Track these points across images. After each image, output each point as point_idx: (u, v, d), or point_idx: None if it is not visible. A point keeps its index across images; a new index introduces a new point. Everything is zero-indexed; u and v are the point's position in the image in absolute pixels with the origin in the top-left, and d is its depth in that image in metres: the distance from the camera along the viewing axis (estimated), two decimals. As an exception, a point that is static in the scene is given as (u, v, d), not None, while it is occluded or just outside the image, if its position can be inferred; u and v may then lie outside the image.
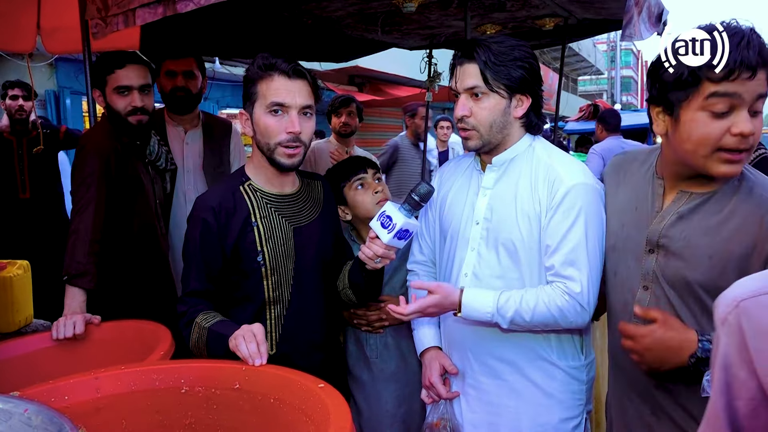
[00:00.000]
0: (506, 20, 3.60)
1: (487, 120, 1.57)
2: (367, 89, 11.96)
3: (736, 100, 1.19)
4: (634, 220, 1.46)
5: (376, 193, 1.98)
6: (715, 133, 1.22)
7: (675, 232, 1.36)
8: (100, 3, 2.18)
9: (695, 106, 1.24)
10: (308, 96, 1.62)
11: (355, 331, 2.06)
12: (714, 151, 1.23)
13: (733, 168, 1.24)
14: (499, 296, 1.52)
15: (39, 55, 4.81)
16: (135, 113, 2.19)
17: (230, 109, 10.05)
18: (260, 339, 1.37)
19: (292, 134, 1.59)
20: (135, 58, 2.23)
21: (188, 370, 1.34)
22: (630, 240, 1.46)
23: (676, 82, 1.24)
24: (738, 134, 1.20)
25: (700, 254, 1.31)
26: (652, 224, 1.40)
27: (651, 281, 1.40)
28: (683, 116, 1.26)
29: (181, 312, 1.60)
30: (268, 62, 1.59)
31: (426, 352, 1.76)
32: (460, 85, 1.59)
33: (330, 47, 4.10)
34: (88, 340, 1.85)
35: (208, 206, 1.62)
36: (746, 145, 1.22)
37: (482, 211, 1.62)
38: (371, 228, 1.55)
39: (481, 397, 1.67)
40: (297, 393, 1.21)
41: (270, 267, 1.63)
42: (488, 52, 1.53)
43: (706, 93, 1.21)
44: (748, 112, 1.20)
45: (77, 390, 1.28)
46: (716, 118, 1.22)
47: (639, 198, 1.47)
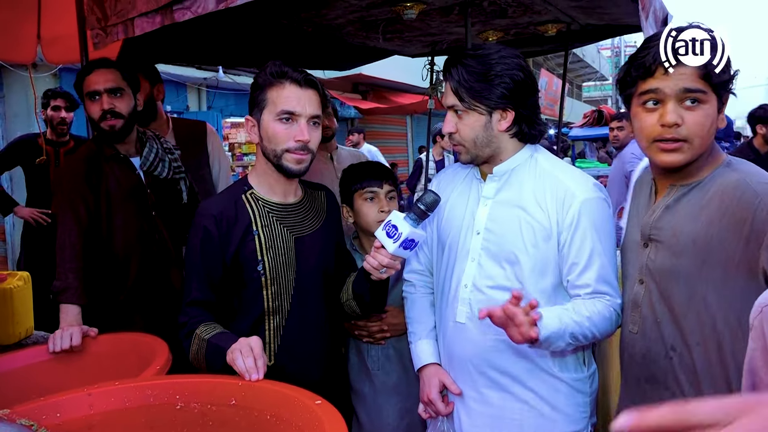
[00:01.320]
0: (508, 26, 3.58)
1: (470, 136, 1.57)
2: (371, 97, 11.99)
3: (660, 94, 1.33)
4: (637, 222, 1.52)
5: (382, 212, 1.96)
6: (647, 124, 1.37)
7: (663, 223, 1.42)
8: (100, 13, 2.18)
9: (635, 103, 1.40)
10: (317, 106, 1.62)
11: (357, 343, 2.04)
12: (651, 142, 1.37)
13: (671, 157, 1.35)
14: (559, 312, 1.46)
15: (43, 65, 4.82)
16: (105, 118, 2.13)
17: (234, 117, 10.07)
18: (257, 353, 1.35)
19: (300, 142, 1.58)
20: (103, 63, 2.18)
21: (183, 385, 1.32)
22: (632, 240, 1.53)
23: (623, 82, 1.43)
24: (663, 125, 1.33)
25: (685, 241, 1.36)
26: (644, 219, 1.47)
27: (645, 274, 1.45)
28: (632, 112, 1.43)
29: (182, 323, 1.59)
30: (279, 70, 1.59)
31: (425, 368, 1.73)
32: (444, 102, 1.61)
33: (331, 55, 4.09)
34: (84, 354, 1.83)
35: (209, 214, 1.62)
36: (676, 134, 1.32)
37: (483, 221, 1.60)
38: (376, 237, 1.52)
39: (484, 410, 1.63)
40: (294, 410, 1.18)
41: (270, 276, 1.62)
42: (462, 72, 1.52)
43: (639, 90, 1.38)
44: (677, 105, 1.32)
45: (70, 407, 1.25)
46: (648, 112, 1.37)
47: (641, 201, 1.54)
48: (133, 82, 2.24)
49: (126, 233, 2.18)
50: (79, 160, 2.18)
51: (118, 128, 2.15)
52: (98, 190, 2.14)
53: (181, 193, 2.38)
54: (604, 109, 10.21)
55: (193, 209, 2.45)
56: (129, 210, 2.19)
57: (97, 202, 2.13)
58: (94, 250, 2.12)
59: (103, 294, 2.14)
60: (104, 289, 2.16)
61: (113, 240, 2.16)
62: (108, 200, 2.15)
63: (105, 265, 2.16)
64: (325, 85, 1.70)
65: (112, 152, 2.20)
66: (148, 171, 2.26)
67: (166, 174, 2.31)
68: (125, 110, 2.17)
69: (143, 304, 2.20)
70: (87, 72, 2.16)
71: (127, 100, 2.18)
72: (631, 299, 1.49)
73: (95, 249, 2.13)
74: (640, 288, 1.46)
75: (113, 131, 2.15)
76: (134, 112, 2.22)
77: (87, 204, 2.10)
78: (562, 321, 1.43)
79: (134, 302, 2.19)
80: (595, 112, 9.99)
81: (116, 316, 2.09)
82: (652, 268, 1.43)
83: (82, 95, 2.19)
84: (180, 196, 2.38)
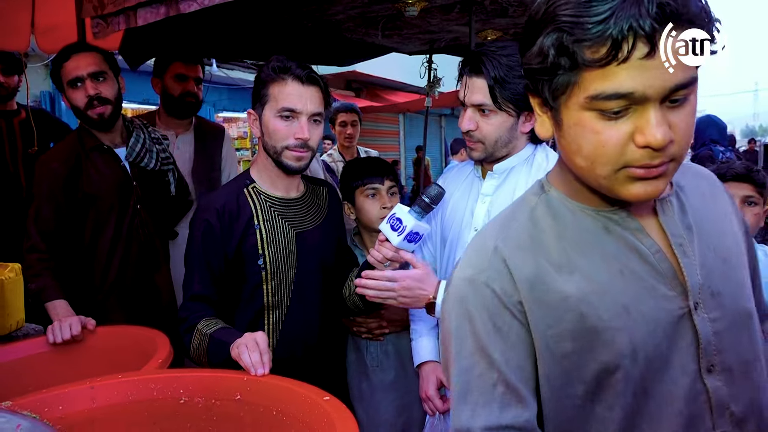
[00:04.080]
0: (507, 26, 3.58)
1: (493, 135, 1.55)
2: (365, 94, 11.96)
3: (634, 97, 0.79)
4: None
5: (384, 209, 1.95)
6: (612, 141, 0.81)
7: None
8: (96, 1, 2.14)
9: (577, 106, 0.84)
10: (319, 103, 1.61)
11: (356, 340, 2.03)
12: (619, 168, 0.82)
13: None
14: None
15: (35, 55, 4.77)
16: (91, 105, 2.03)
17: (226, 112, 10.02)
18: (263, 348, 1.34)
19: (300, 140, 1.58)
20: (81, 47, 2.08)
21: (187, 379, 1.30)
22: None
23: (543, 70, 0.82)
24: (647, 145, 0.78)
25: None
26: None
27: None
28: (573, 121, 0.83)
29: (183, 317, 1.58)
30: (282, 65, 1.57)
31: (424, 365, 1.75)
32: (468, 99, 1.55)
33: (329, 50, 4.07)
34: (82, 347, 1.80)
35: (212, 207, 1.61)
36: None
37: (481, 217, 1.61)
38: (381, 231, 1.52)
39: None
40: (301, 405, 1.17)
41: (270, 271, 1.61)
42: (498, 68, 1.48)
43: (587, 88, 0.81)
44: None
45: (72, 400, 1.24)
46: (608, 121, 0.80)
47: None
48: (113, 65, 2.13)
49: (109, 229, 2.10)
50: (57, 158, 2.09)
51: (107, 115, 2.07)
52: (77, 188, 2.06)
53: (169, 185, 2.30)
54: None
55: (181, 202, 2.42)
56: (112, 205, 2.10)
57: (74, 201, 2.06)
58: (69, 248, 2.07)
59: (82, 292, 2.09)
60: (84, 287, 2.11)
61: (95, 237, 2.10)
62: (89, 196, 2.07)
63: (85, 262, 2.11)
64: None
65: (95, 143, 2.10)
66: (134, 162, 2.16)
67: (153, 165, 2.22)
68: (111, 95, 2.07)
69: (125, 302, 2.14)
70: (64, 58, 2.04)
71: (111, 83, 2.08)
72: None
73: (73, 247, 2.08)
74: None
75: (102, 119, 2.06)
76: (120, 97, 2.12)
77: (57, 208, 2.03)
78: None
79: (115, 300, 2.12)
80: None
81: (95, 316, 2.03)
82: None
83: (62, 85, 2.08)
84: (168, 188, 2.30)
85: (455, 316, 0.89)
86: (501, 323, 0.86)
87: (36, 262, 1.98)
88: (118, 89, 2.13)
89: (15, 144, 3.15)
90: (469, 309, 0.87)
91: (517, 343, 0.86)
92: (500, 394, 0.85)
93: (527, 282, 0.86)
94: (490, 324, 0.86)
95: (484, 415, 0.84)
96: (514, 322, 0.86)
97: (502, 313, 0.86)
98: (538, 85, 0.84)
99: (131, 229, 2.15)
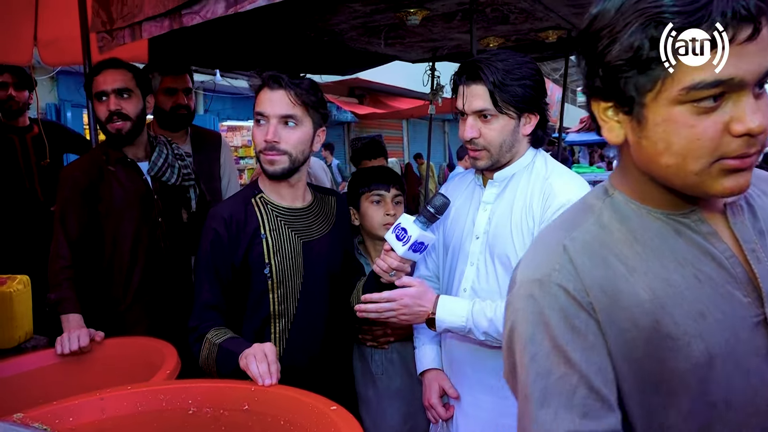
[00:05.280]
0: (509, 33, 3.60)
1: (497, 141, 1.56)
2: (367, 101, 11.96)
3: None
4: None
5: (387, 216, 1.97)
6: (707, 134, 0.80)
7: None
8: (105, 16, 2.17)
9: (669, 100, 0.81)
10: (288, 105, 1.61)
11: (361, 348, 2.04)
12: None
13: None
14: (473, 304, 1.52)
15: (40, 68, 4.80)
16: (111, 120, 2.08)
17: (231, 121, 10.06)
18: (271, 359, 1.36)
19: (267, 142, 1.60)
20: (113, 63, 2.13)
21: (196, 390, 1.31)
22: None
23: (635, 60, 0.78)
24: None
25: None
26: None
27: None
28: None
29: (192, 327, 1.60)
30: (263, 77, 1.62)
31: (426, 373, 1.75)
32: (468, 107, 1.56)
33: (332, 60, 4.09)
34: (90, 358, 1.82)
35: (219, 217, 1.64)
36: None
37: (482, 225, 1.62)
38: (386, 240, 1.53)
39: (479, 415, 1.64)
40: (308, 415, 1.18)
41: (277, 280, 1.63)
42: (496, 73, 1.50)
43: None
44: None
45: (82, 411, 1.25)
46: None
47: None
48: (144, 84, 2.18)
49: (129, 241, 2.13)
50: (80, 168, 2.14)
51: (125, 131, 2.11)
52: (100, 199, 2.10)
53: (190, 200, 2.34)
54: (600, 114, 10.23)
55: (202, 218, 2.45)
56: (134, 217, 2.14)
57: (95, 212, 2.09)
58: (91, 260, 2.09)
59: (104, 304, 2.12)
60: (105, 298, 2.13)
61: (116, 248, 2.13)
62: (111, 208, 2.11)
63: (106, 273, 2.13)
64: (320, 89, 1.70)
65: (119, 156, 2.16)
66: (156, 176, 2.21)
67: (175, 180, 2.26)
68: (133, 112, 2.11)
69: (149, 313, 2.16)
70: (96, 72, 2.12)
71: (135, 101, 2.12)
72: None
73: (95, 258, 2.10)
74: None
75: (119, 134, 2.11)
76: (143, 115, 2.17)
77: (80, 216, 2.07)
78: (470, 318, 1.50)
79: (139, 311, 2.15)
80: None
81: (117, 327, 2.06)
82: None
83: (91, 96, 2.15)
84: (189, 203, 2.34)
85: (527, 319, 0.85)
86: (578, 323, 0.82)
87: (59, 271, 2.00)
88: (143, 108, 2.17)
89: (29, 160, 3.20)
90: (542, 311, 0.83)
91: (595, 344, 0.82)
92: (582, 398, 0.80)
93: (598, 285, 0.83)
94: (567, 325, 0.82)
95: (567, 420, 0.80)
96: (590, 322, 0.82)
97: (578, 313, 0.82)
98: (617, 85, 0.80)
99: (153, 241, 2.18)
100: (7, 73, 3.17)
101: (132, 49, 2.66)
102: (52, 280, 1.99)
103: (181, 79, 2.78)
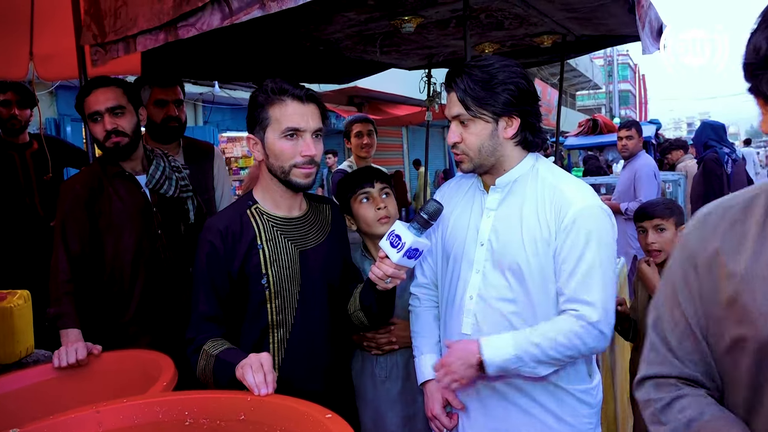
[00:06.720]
0: (504, 38, 3.62)
1: (475, 145, 1.57)
2: (366, 109, 12.02)
3: None
4: None
5: (379, 210, 1.97)
6: None
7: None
8: (96, 30, 2.18)
9: None
10: (319, 119, 1.65)
11: (364, 352, 2.03)
12: None
13: None
14: (514, 336, 1.50)
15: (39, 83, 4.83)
16: (108, 137, 2.11)
17: (230, 132, 10.09)
18: (267, 369, 1.35)
19: (307, 156, 1.61)
20: (102, 82, 2.14)
21: (192, 401, 1.31)
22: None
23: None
24: None
25: None
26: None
27: None
28: None
29: (189, 338, 1.60)
30: (280, 87, 1.61)
31: (428, 383, 1.73)
32: (448, 113, 1.62)
33: (329, 69, 4.11)
34: (88, 372, 1.82)
35: (215, 229, 1.64)
36: None
37: (487, 232, 1.61)
38: (381, 248, 1.53)
39: (487, 423, 1.63)
40: (303, 424, 1.17)
41: (274, 290, 1.63)
42: (467, 80, 1.54)
43: None
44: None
45: (79, 425, 1.24)
46: None
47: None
48: (135, 98, 2.20)
49: (130, 255, 2.15)
50: (80, 181, 2.15)
51: (123, 144, 2.13)
52: (100, 212, 2.11)
53: (188, 212, 2.35)
54: (599, 117, 10.27)
55: (200, 229, 2.46)
56: (134, 230, 2.15)
57: (96, 226, 2.11)
58: (92, 273, 2.10)
59: (106, 317, 2.12)
60: (107, 311, 2.14)
61: (117, 262, 2.14)
62: (111, 222, 2.13)
63: (107, 287, 2.14)
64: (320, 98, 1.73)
65: (117, 170, 2.17)
66: (154, 189, 2.22)
67: (173, 192, 2.28)
68: (128, 128, 2.14)
69: (151, 325, 2.17)
70: (86, 93, 2.13)
71: (129, 117, 2.15)
72: None
73: (95, 272, 2.11)
74: None
75: (118, 147, 2.13)
76: (138, 129, 2.19)
77: (81, 229, 2.08)
78: (517, 347, 1.47)
79: (141, 323, 2.15)
80: (590, 121, 10.06)
81: (120, 339, 2.06)
82: None
83: (84, 117, 2.16)
84: (187, 215, 2.36)
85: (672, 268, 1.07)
86: (692, 279, 1.01)
87: (60, 285, 2.01)
88: (137, 122, 2.19)
89: (29, 176, 3.26)
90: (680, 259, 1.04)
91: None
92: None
93: (709, 257, 0.99)
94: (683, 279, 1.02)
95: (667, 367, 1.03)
96: (696, 282, 1.00)
97: (689, 272, 1.01)
98: (759, 82, 0.90)
99: (153, 253, 2.19)
100: (11, 91, 3.22)
101: (125, 63, 2.68)
102: (52, 295, 2.00)
103: (172, 91, 2.78)
